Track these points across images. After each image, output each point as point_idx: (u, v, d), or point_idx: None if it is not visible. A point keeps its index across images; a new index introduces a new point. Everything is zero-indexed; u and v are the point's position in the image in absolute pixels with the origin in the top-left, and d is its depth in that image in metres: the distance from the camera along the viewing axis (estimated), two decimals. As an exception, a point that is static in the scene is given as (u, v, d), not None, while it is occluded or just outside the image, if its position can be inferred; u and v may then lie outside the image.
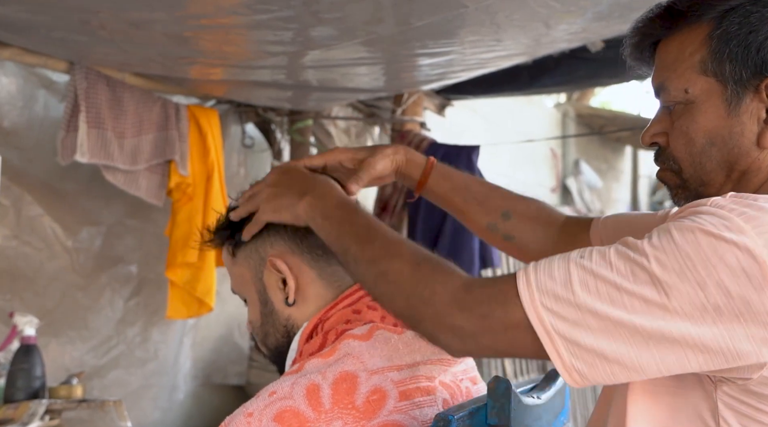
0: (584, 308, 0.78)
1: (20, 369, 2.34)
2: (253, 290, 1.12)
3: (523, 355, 0.85)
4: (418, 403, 0.97)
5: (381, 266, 0.92)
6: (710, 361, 0.77)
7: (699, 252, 0.76)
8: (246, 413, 0.92)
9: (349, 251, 0.97)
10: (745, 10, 0.89)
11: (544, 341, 0.80)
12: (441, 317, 0.86)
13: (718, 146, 0.91)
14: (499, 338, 0.83)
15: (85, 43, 2.28)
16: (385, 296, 0.92)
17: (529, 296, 0.81)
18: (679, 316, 0.76)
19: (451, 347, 0.87)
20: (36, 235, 2.82)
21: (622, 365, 0.78)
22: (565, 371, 0.81)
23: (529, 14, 2.07)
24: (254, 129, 3.61)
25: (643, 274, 0.77)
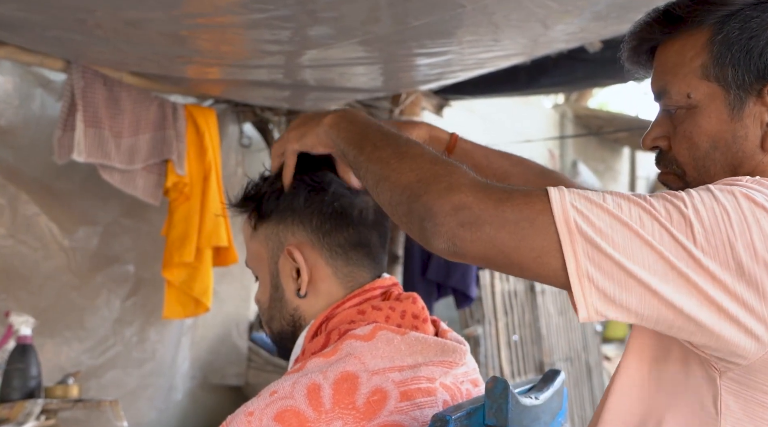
0: (615, 219, 0.76)
1: (16, 369, 2.33)
2: (267, 271, 1.12)
3: (521, 256, 0.79)
4: (418, 404, 0.97)
5: (401, 147, 0.91)
6: (722, 320, 0.76)
7: (737, 211, 0.77)
8: (247, 412, 0.92)
9: (372, 138, 0.95)
10: (746, 15, 0.89)
11: (563, 237, 0.76)
12: (451, 191, 0.81)
13: (722, 150, 0.91)
14: (507, 228, 0.78)
15: (81, 42, 2.28)
16: (394, 172, 0.88)
17: (560, 196, 0.78)
18: (702, 267, 0.76)
19: (444, 226, 0.80)
20: (32, 234, 2.81)
21: (640, 283, 0.76)
22: (576, 277, 0.77)
23: (527, 14, 2.06)
24: (252, 129, 3.61)
25: (677, 215, 0.77)
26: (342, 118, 1.03)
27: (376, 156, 0.93)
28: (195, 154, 2.96)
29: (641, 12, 2.16)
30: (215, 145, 3.05)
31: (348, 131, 1.00)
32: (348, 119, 1.02)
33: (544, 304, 4.95)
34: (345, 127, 1.01)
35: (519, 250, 0.79)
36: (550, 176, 1.30)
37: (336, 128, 1.02)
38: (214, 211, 2.95)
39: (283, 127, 3.51)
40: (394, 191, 0.88)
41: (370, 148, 0.94)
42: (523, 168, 1.29)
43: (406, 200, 0.85)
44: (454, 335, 1.11)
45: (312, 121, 1.06)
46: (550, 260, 0.78)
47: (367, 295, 1.07)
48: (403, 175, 0.87)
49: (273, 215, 1.09)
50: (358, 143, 0.97)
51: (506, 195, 0.80)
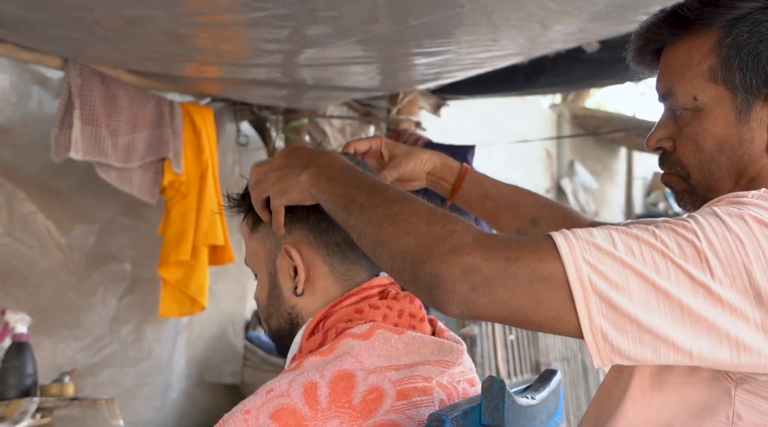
0: (628, 269, 0.74)
1: (12, 367, 2.33)
2: (265, 269, 1.11)
3: (538, 317, 0.77)
4: (415, 403, 0.97)
5: (393, 207, 0.85)
6: (741, 355, 0.76)
7: (750, 238, 0.75)
8: (243, 410, 0.92)
9: (357, 199, 0.90)
10: (755, 19, 0.89)
11: (577, 296, 0.74)
12: (456, 254, 0.76)
13: (728, 153, 0.91)
14: (521, 289, 0.75)
15: (79, 39, 2.28)
16: (391, 237, 0.83)
17: (569, 249, 0.75)
18: (720, 300, 0.74)
19: (457, 293, 0.76)
20: (29, 232, 2.81)
21: (655, 335, 0.74)
22: (590, 333, 0.75)
23: (526, 15, 2.07)
24: (249, 127, 3.60)
25: (690, 249, 0.75)
26: (319, 176, 0.96)
27: (367, 219, 0.87)
28: (192, 152, 2.95)
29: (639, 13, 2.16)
30: (212, 143, 3.05)
31: (329, 192, 0.94)
32: (327, 175, 0.96)
33: (541, 304, 4.95)
34: (325, 188, 0.95)
35: (537, 310, 0.77)
36: (558, 207, 1.30)
37: (316, 188, 0.97)
38: (210, 209, 2.94)
39: (280, 126, 3.51)
40: (395, 259, 0.83)
41: (358, 210, 0.89)
42: (533, 199, 1.28)
43: (409, 268, 0.80)
44: (451, 334, 1.11)
45: (291, 178, 1.00)
46: (569, 318, 0.76)
47: (365, 293, 1.07)
48: (401, 241, 0.82)
49: None
50: (344, 205, 0.91)
51: (514, 253, 0.77)
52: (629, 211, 8.10)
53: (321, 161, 0.98)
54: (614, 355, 0.76)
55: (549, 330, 0.79)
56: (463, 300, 0.76)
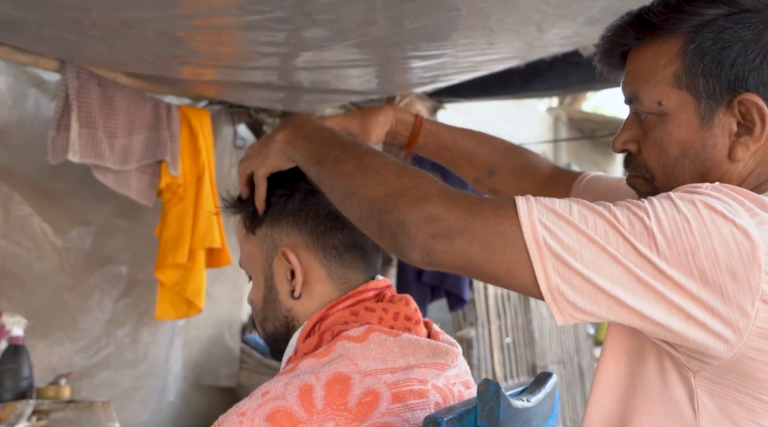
0: (582, 236, 0.78)
1: (8, 369, 2.33)
2: (261, 272, 1.11)
3: (492, 269, 0.81)
4: (410, 406, 0.97)
5: (364, 160, 0.91)
6: (690, 326, 0.78)
7: (698, 219, 0.78)
8: (239, 412, 0.92)
9: (330, 154, 0.95)
10: (718, 26, 0.90)
11: (533, 254, 0.78)
12: (421, 202, 0.82)
13: (691, 158, 0.93)
14: (478, 242, 0.80)
15: (76, 42, 2.27)
16: (361, 187, 0.88)
17: (527, 210, 0.80)
18: (666, 276, 0.77)
19: (417, 239, 0.81)
20: (25, 234, 2.80)
21: (609, 296, 0.78)
22: (548, 291, 0.79)
23: (522, 18, 2.07)
24: (246, 130, 3.60)
25: (639, 226, 0.78)
26: (295, 134, 1.01)
27: (339, 171, 0.92)
28: (189, 155, 2.95)
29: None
30: (209, 146, 3.05)
31: (304, 148, 0.99)
32: (302, 134, 1.01)
33: (537, 307, 4.96)
34: (300, 144, 1.00)
35: (490, 262, 0.81)
36: (515, 154, 1.32)
37: (291, 145, 1.01)
38: (207, 212, 2.94)
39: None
40: (363, 207, 0.88)
41: (330, 163, 0.94)
42: (489, 147, 1.32)
43: (376, 215, 0.86)
44: (447, 337, 1.11)
45: (269, 143, 1.05)
46: (522, 274, 0.80)
47: (361, 296, 1.07)
48: (370, 190, 0.87)
49: (268, 217, 1.09)
50: (318, 159, 0.96)
51: (476, 206, 0.81)
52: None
53: (297, 123, 1.04)
54: (574, 311, 0.80)
55: (501, 283, 0.84)
56: (424, 246, 0.81)
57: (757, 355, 0.80)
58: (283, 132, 1.03)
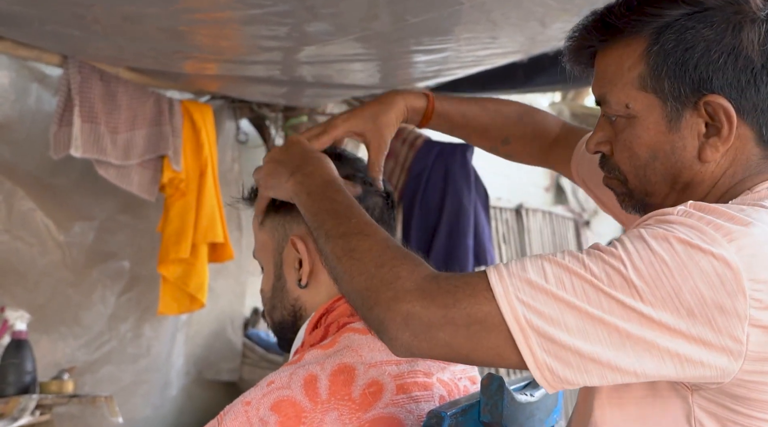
0: (562, 303, 0.77)
1: (11, 364, 2.33)
2: (271, 261, 1.14)
3: (480, 356, 0.81)
4: (414, 397, 0.98)
5: (351, 242, 0.91)
6: (687, 367, 0.77)
7: (675, 259, 0.77)
8: (244, 401, 0.93)
9: (324, 225, 0.96)
10: (681, 26, 0.88)
11: (516, 336, 0.77)
12: (397, 301, 0.82)
13: (661, 160, 0.93)
14: (460, 333, 0.80)
15: (78, 37, 2.27)
16: (347, 274, 0.89)
17: (503, 289, 0.79)
18: (654, 322, 0.76)
19: (399, 340, 0.81)
20: (28, 230, 2.80)
21: (598, 363, 0.77)
22: (536, 369, 0.78)
23: (525, 12, 2.07)
24: (248, 125, 3.60)
25: (618, 278, 0.77)
26: (301, 187, 1.03)
27: (330, 248, 0.93)
28: (191, 150, 2.95)
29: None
30: (212, 141, 3.04)
31: (304, 208, 1.02)
32: (306, 190, 1.03)
33: (540, 302, 4.95)
34: (303, 202, 1.02)
35: (477, 351, 0.81)
36: (527, 120, 1.34)
37: (297, 198, 1.04)
38: (210, 207, 2.94)
39: (280, 124, 3.50)
40: (350, 296, 0.90)
41: (323, 238, 0.95)
42: (502, 118, 1.33)
43: (360, 308, 0.87)
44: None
45: (280, 177, 1.07)
46: (510, 355, 0.79)
47: None
48: (354, 280, 0.88)
49: (281, 207, 1.11)
50: (315, 228, 0.98)
51: (451, 298, 0.80)
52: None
53: (306, 170, 1.05)
54: (563, 384, 0.79)
55: (493, 366, 0.84)
56: (407, 346, 0.82)
57: (754, 376, 0.79)
58: (292, 180, 1.05)
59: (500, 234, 5.18)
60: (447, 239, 3.56)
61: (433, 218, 3.32)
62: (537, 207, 5.85)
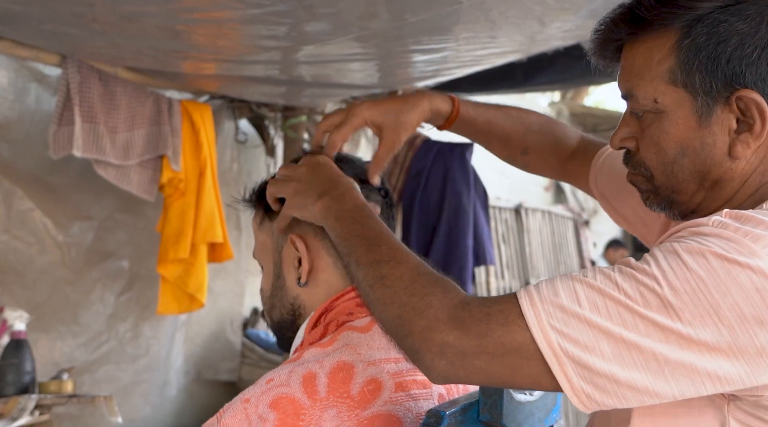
0: (596, 330, 0.76)
1: (10, 364, 2.33)
2: (271, 260, 1.14)
3: (518, 382, 0.81)
4: (413, 395, 0.98)
5: (382, 270, 0.90)
6: (726, 385, 0.76)
7: (712, 275, 0.75)
8: (243, 399, 0.94)
9: (355, 252, 0.95)
10: (713, 20, 0.86)
11: (551, 364, 0.77)
12: (431, 331, 0.81)
13: (690, 157, 0.90)
14: (496, 361, 0.79)
15: (77, 36, 2.27)
16: (379, 302, 0.89)
17: (535, 316, 0.78)
18: (693, 342, 0.75)
19: (436, 368, 0.81)
20: (26, 229, 2.80)
21: (636, 390, 0.76)
22: (574, 395, 0.78)
23: (524, 11, 2.06)
24: (248, 125, 3.60)
25: (653, 298, 0.76)
26: (329, 212, 1.01)
27: (362, 275, 0.93)
28: (190, 150, 2.95)
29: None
30: (211, 141, 3.04)
31: (334, 233, 1.00)
32: (335, 215, 1.01)
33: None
34: (332, 227, 1.01)
35: (515, 378, 0.81)
36: (547, 131, 1.34)
37: (325, 222, 1.02)
38: (209, 207, 2.94)
39: (279, 124, 3.50)
40: (383, 323, 0.89)
41: (354, 264, 0.94)
42: (524, 128, 1.32)
43: (395, 336, 0.87)
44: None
45: (307, 198, 1.05)
46: (548, 382, 0.79)
47: None
48: (387, 309, 0.87)
49: (279, 207, 1.12)
50: (345, 253, 0.97)
51: (484, 327, 0.80)
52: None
53: (335, 193, 1.03)
54: (603, 407, 0.78)
55: (533, 389, 0.86)
56: (444, 373, 0.82)
57: None
58: (320, 203, 1.03)
59: (500, 234, 5.18)
60: (446, 239, 3.56)
61: (432, 217, 3.32)
62: (536, 206, 5.85)
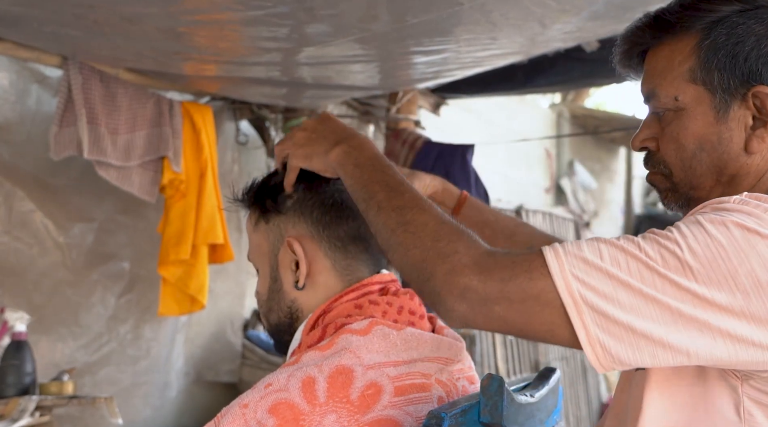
0: (616, 281, 0.78)
1: (11, 365, 2.33)
2: (267, 263, 1.12)
3: (533, 331, 0.83)
4: (412, 399, 0.97)
5: (406, 215, 0.91)
6: (737, 345, 0.78)
7: (732, 242, 0.79)
8: (241, 404, 0.92)
9: (376, 196, 0.95)
10: (732, 22, 0.92)
11: (570, 311, 0.79)
12: (455, 274, 0.83)
13: (708, 152, 0.95)
14: (515, 307, 0.81)
15: (78, 37, 2.27)
16: (401, 246, 0.90)
17: (558, 266, 0.80)
18: (708, 303, 0.77)
19: (455, 311, 0.83)
20: (27, 230, 2.80)
21: (650, 340, 0.78)
22: (588, 345, 0.79)
23: (525, 13, 2.07)
24: (248, 126, 3.60)
25: (673, 259, 0.79)
26: (348, 157, 1.01)
27: (382, 221, 0.93)
28: (191, 151, 2.95)
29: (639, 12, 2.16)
30: (212, 142, 3.04)
31: (353, 178, 1.00)
32: (354, 161, 1.01)
33: (540, 303, 4.95)
34: (351, 172, 1.00)
35: (530, 325, 0.82)
36: (554, 239, 1.32)
37: (342, 169, 1.02)
38: (210, 208, 2.94)
39: (279, 125, 3.50)
40: (404, 268, 0.90)
41: (375, 209, 0.95)
42: (530, 230, 1.34)
43: (416, 280, 0.88)
44: (451, 331, 1.11)
45: (319, 146, 1.05)
46: (562, 332, 0.81)
47: (365, 289, 1.07)
48: (409, 252, 0.88)
49: (275, 208, 1.10)
50: (364, 198, 0.97)
51: (508, 272, 0.82)
52: (629, 210, 8.10)
53: (354, 142, 1.03)
54: (614, 363, 0.80)
55: (544, 341, 0.85)
56: (462, 317, 0.83)
57: None
58: (337, 149, 1.02)
59: (500, 235, 5.16)
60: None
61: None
62: (537, 208, 5.85)
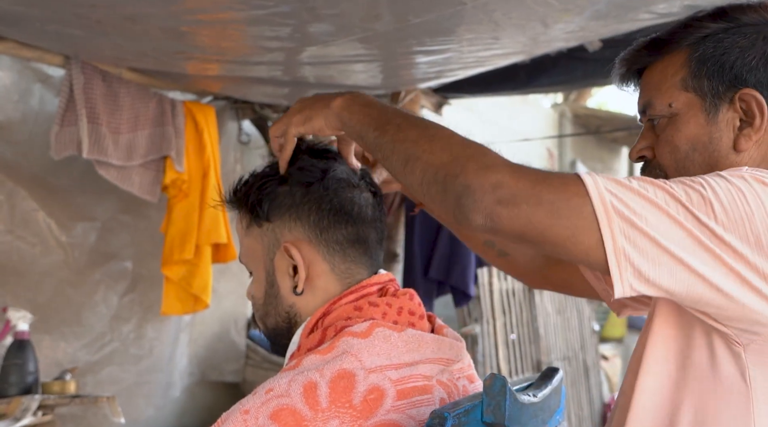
0: (646, 200, 0.84)
1: (13, 364, 2.33)
2: (262, 267, 1.10)
3: (554, 234, 0.84)
4: (414, 402, 0.96)
5: (431, 130, 0.94)
6: (745, 290, 0.84)
7: (750, 190, 0.86)
8: (242, 410, 0.91)
9: (393, 120, 0.98)
10: (719, 37, 1.03)
11: (600, 216, 0.82)
12: (488, 169, 0.85)
13: (700, 151, 1.03)
14: (544, 208, 0.83)
15: (81, 37, 2.27)
16: (426, 153, 0.91)
17: (593, 181, 0.84)
18: (722, 241, 0.84)
19: (482, 203, 0.84)
20: (30, 230, 2.81)
21: (672, 256, 0.83)
22: (613, 254, 0.83)
23: (527, 13, 2.06)
24: (251, 126, 3.60)
25: (696, 196, 0.85)
26: (354, 101, 1.03)
27: (402, 136, 0.95)
28: (194, 151, 2.95)
29: (641, 11, 2.15)
30: (214, 142, 3.04)
31: (363, 114, 1.01)
32: (360, 102, 1.03)
33: (542, 303, 4.95)
34: (359, 110, 1.02)
35: (554, 228, 0.84)
36: None
37: (348, 111, 1.03)
38: (213, 208, 2.94)
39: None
40: (427, 171, 0.91)
41: (393, 129, 0.96)
42: None
43: (441, 179, 0.88)
44: (451, 331, 1.10)
45: (318, 104, 1.06)
46: (584, 239, 0.83)
47: (364, 291, 1.06)
48: (436, 156, 0.90)
49: (268, 212, 1.07)
50: (378, 125, 0.98)
51: (542, 176, 0.86)
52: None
53: (354, 93, 1.06)
54: (635, 279, 0.83)
55: (562, 249, 0.86)
56: (488, 211, 0.84)
57: None
58: (340, 99, 1.04)
59: (502, 235, 5.16)
60: (450, 240, 3.56)
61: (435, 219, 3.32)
62: (539, 208, 5.84)
